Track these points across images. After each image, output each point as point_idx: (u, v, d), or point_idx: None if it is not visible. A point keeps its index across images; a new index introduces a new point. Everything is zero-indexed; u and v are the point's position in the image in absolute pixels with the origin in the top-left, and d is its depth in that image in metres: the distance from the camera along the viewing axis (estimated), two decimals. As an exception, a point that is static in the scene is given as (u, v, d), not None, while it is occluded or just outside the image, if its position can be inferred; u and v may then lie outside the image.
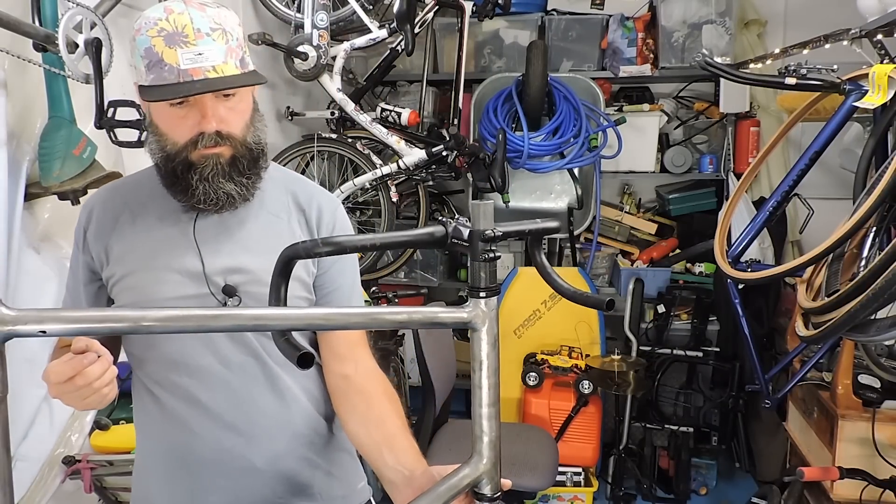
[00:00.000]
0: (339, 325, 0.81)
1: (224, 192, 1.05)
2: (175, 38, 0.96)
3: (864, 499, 1.93)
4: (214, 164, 1.03)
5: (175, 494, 1.14)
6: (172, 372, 1.10)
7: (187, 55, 0.96)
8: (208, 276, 1.08)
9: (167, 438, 1.13)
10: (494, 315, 0.81)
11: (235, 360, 1.10)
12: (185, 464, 1.12)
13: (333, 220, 1.19)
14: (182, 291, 1.08)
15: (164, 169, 1.06)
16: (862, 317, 1.45)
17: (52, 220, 1.64)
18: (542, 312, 3.04)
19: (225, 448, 1.10)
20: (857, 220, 1.57)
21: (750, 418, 3.10)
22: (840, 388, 2.06)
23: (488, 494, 0.85)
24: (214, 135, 1.02)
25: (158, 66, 0.97)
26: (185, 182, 1.04)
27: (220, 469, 1.11)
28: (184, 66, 0.96)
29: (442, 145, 2.61)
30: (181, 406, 1.10)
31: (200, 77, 0.97)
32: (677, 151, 3.24)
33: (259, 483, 1.12)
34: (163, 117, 1.04)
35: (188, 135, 1.02)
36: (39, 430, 1.56)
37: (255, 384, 1.11)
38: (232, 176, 1.05)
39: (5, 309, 0.64)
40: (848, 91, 1.89)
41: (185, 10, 0.97)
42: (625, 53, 3.14)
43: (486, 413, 0.82)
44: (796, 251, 3.09)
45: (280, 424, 1.13)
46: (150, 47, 0.97)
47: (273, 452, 1.13)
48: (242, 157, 1.06)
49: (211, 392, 1.09)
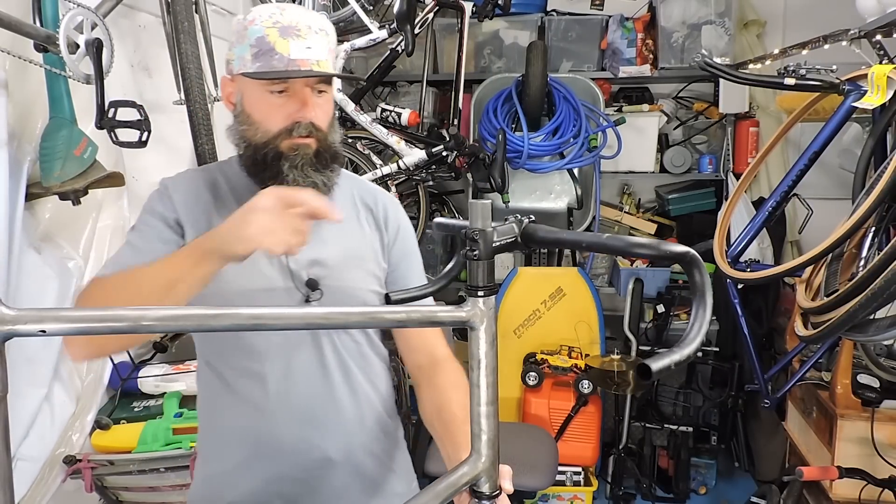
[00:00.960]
0: (339, 325, 0.81)
1: (312, 181, 1.09)
2: (289, 30, 1.03)
3: (863, 498, 1.93)
4: (304, 154, 1.08)
5: (249, 483, 1.16)
6: (255, 362, 1.12)
7: (298, 47, 1.03)
8: (293, 271, 1.12)
9: (244, 427, 1.15)
10: (493, 314, 0.81)
11: (315, 354, 1.14)
12: (261, 454, 1.14)
13: (398, 218, 1.26)
14: (266, 284, 1.11)
15: (251, 157, 1.10)
16: (861, 316, 1.45)
17: (52, 220, 1.64)
18: (542, 312, 3.05)
19: (302, 438, 1.14)
20: (856, 220, 1.57)
21: (749, 418, 3.10)
22: (839, 387, 2.07)
23: (487, 493, 0.85)
24: (309, 125, 1.07)
25: (268, 55, 1.03)
26: (276, 169, 1.08)
27: (296, 459, 1.14)
28: (293, 57, 1.03)
29: (442, 145, 2.61)
30: (261, 396, 1.12)
31: (306, 68, 1.04)
32: (677, 152, 3.24)
33: (333, 475, 1.16)
34: (258, 105, 1.08)
35: (283, 123, 1.07)
36: (40, 430, 1.56)
37: (332, 378, 1.15)
38: (318, 167, 1.10)
39: (5, 308, 0.63)
40: (847, 91, 1.90)
41: (297, 10, 1.07)
42: (624, 54, 3.15)
43: (485, 412, 0.82)
44: (795, 251, 3.09)
45: (353, 419, 1.17)
46: (263, 37, 1.03)
47: (347, 446, 1.16)
48: (325, 152, 1.11)
49: (292, 384, 1.13)
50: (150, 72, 2.00)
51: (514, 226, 0.82)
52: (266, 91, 1.06)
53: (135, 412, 1.75)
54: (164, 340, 1.90)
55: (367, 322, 0.86)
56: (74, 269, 1.65)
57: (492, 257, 0.80)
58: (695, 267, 0.67)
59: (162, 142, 1.97)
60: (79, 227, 1.70)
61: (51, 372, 1.57)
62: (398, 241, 1.24)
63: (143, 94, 1.95)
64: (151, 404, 1.77)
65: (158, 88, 2.01)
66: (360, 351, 1.19)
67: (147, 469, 1.66)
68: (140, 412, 1.75)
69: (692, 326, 0.66)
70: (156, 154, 1.91)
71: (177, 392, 1.76)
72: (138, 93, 1.93)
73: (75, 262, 1.66)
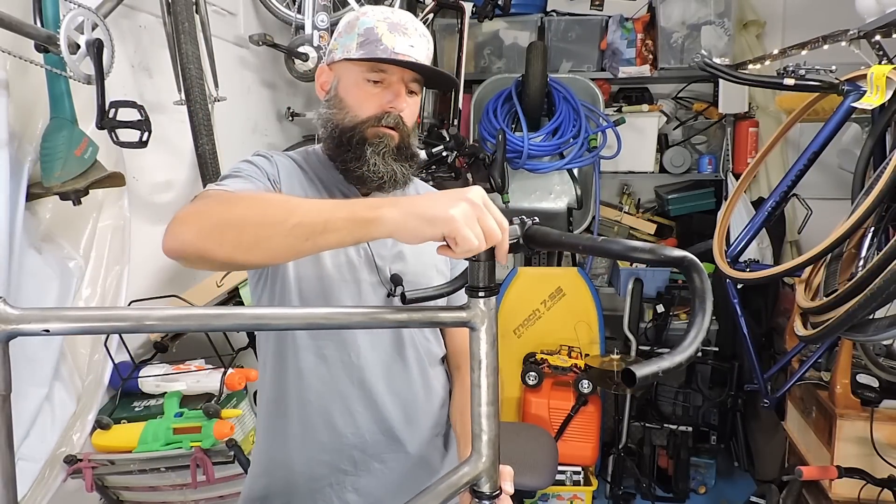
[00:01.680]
0: (341, 325, 0.81)
1: (392, 169, 1.13)
2: (397, 27, 1.10)
3: (863, 498, 1.94)
4: (388, 143, 1.13)
5: (326, 476, 1.18)
6: (343, 354, 1.15)
7: (402, 43, 1.10)
8: (378, 266, 1.16)
9: (324, 421, 1.17)
10: (493, 314, 0.81)
11: (395, 349, 1.18)
12: (342, 446, 1.17)
13: None
14: (355, 275, 1.14)
15: (337, 139, 1.14)
16: (860, 316, 1.46)
17: (53, 220, 1.64)
18: (542, 312, 3.05)
19: (383, 431, 1.18)
20: (856, 220, 1.58)
21: (749, 418, 3.11)
22: (838, 387, 2.07)
23: (487, 492, 0.85)
24: (397, 117, 1.12)
25: (374, 44, 1.09)
26: (359, 152, 1.12)
27: (376, 451, 1.18)
28: (397, 50, 1.09)
29: (442, 146, 2.61)
30: (343, 390, 1.15)
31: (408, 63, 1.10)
32: (676, 152, 3.25)
33: (407, 467, 1.20)
34: (353, 91, 1.13)
35: (374, 111, 1.12)
36: (41, 429, 1.56)
37: (410, 374, 1.20)
38: (398, 158, 1.14)
39: (8, 308, 0.64)
40: (846, 92, 1.90)
41: (407, 14, 1.15)
42: (624, 54, 3.15)
43: (485, 412, 0.83)
44: (795, 251, 3.10)
45: (427, 413, 1.23)
46: (373, 28, 1.10)
47: (420, 439, 1.21)
48: (406, 148, 1.15)
49: (373, 377, 1.16)
50: (150, 72, 2.01)
51: (518, 227, 0.82)
52: (363, 79, 1.12)
53: (135, 412, 1.75)
54: (164, 340, 1.90)
55: (369, 322, 0.86)
56: (75, 269, 1.65)
57: (493, 259, 0.81)
58: (694, 271, 0.66)
59: (162, 142, 1.98)
60: (79, 227, 1.70)
61: (51, 371, 1.57)
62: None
63: (143, 95, 1.95)
64: (152, 404, 1.77)
65: (159, 89, 2.01)
66: (429, 349, 1.23)
67: (147, 469, 1.66)
68: (140, 412, 1.75)
69: (688, 333, 0.64)
70: (156, 154, 1.92)
71: (177, 392, 1.76)
72: (139, 93, 1.94)
73: (76, 262, 1.66)
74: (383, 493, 1.20)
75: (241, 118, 2.57)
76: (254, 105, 2.63)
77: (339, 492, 1.19)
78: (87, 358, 1.72)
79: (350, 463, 1.18)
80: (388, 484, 1.19)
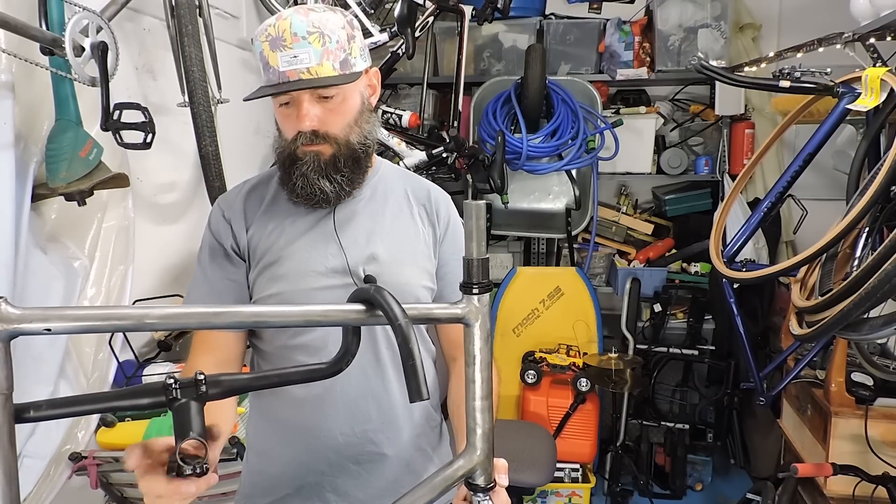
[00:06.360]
0: (337, 322, 0.83)
1: (318, 188, 1.12)
2: (276, 42, 1.04)
3: (857, 495, 1.95)
4: (313, 160, 1.11)
5: (301, 477, 1.18)
6: (314, 358, 1.13)
7: (285, 58, 1.04)
8: (351, 268, 1.15)
9: (299, 422, 1.18)
10: (487, 311, 0.83)
11: (371, 351, 1.16)
12: (315, 448, 1.17)
13: (448, 213, 1.28)
14: (327, 282, 1.14)
15: (279, 161, 1.16)
16: (855, 315, 1.46)
17: (58, 220, 1.66)
18: (541, 311, 3.07)
19: (357, 433, 1.17)
20: (850, 220, 1.59)
21: (745, 415, 3.13)
22: (833, 385, 2.09)
23: (482, 485, 0.87)
24: (310, 133, 1.09)
25: (267, 70, 1.06)
26: (290, 173, 1.13)
27: (351, 453, 1.17)
28: (282, 69, 1.04)
29: (442, 147, 2.63)
30: (318, 391, 1.15)
31: (295, 78, 1.05)
32: (673, 153, 3.26)
33: (386, 469, 1.19)
34: (278, 116, 1.14)
35: (291, 133, 1.11)
36: (46, 427, 1.57)
37: (385, 374, 1.18)
38: (329, 174, 1.12)
39: (10, 307, 0.64)
40: (841, 94, 1.91)
41: (289, 16, 1.05)
42: (622, 57, 3.16)
43: (479, 406, 0.84)
44: (790, 251, 3.11)
45: (405, 414, 1.20)
46: (261, 52, 1.06)
47: (399, 441, 1.20)
48: (342, 156, 1.12)
49: (347, 379, 1.14)
50: (154, 74, 2.03)
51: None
52: (277, 104, 1.11)
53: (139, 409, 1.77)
54: (168, 339, 1.92)
55: (364, 319, 0.88)
56: (80, 269, 1.67)
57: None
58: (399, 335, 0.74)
59: (166, 143, 2.00)
60: (84, 227, 1.71)
61: (57, 370, 1.59)
62: (448, 237, 1.26)
63: (147, 97, 1.97)
64: (155, 402, 1.79)
65: (163, 91, 2.03)
66: None
67: (151, 465, 1.68)
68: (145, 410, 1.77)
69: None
70: (160, 155, 1.93)
71: (180, 390, 1.78)
72: (143, 95, 1.95)
73: (81, 262, 1.68)
74: (365, 497, 1.19)
75: (244, 120, 2.60)
76: (256, 107, 2.65)
77: (319, 491, 1.19)
78: (92, 356, 1.73)
79: (325, 464, 1.18)
80: (367, 486, 1.19)
